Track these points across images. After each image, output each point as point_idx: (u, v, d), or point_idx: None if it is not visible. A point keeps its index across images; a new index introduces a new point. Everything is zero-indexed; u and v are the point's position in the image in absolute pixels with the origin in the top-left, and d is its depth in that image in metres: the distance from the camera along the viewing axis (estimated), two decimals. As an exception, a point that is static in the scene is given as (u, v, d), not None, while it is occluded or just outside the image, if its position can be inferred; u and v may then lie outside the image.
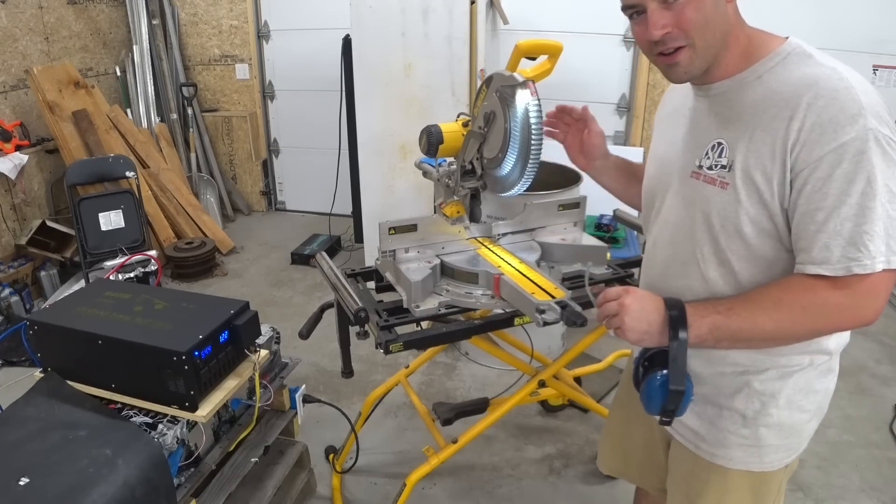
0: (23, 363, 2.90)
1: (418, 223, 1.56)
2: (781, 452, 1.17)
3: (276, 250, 4.39)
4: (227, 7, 4.67)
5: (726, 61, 1.02)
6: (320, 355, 3.01)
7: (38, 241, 3.60)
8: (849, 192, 0.90)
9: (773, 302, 0.97)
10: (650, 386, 1.05)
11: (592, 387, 2.70)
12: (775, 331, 0.98)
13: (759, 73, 1.00)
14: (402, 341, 1.47)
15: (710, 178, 1.04)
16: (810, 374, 1.12)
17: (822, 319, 0.97)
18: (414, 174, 3.21)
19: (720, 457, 1.18)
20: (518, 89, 1.27)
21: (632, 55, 4.00)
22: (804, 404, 1.14)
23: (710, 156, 1.04)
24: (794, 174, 0.94)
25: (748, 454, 1.16)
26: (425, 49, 3.20)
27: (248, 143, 4.92)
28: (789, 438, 1.16)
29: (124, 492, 1.35)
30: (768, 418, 1.13)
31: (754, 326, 0.97)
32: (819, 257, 0.94)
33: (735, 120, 1.01)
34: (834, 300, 0.94)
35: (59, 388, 1.62)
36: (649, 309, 1.01)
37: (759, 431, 1.14)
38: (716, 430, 1.17)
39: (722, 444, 1.17)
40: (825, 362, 1.13)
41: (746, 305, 0.98)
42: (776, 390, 1.12)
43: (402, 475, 1.96)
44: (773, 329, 0.97)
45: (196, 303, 1.74)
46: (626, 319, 1.01)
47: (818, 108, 0.90)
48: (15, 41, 3.76)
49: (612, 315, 1.03)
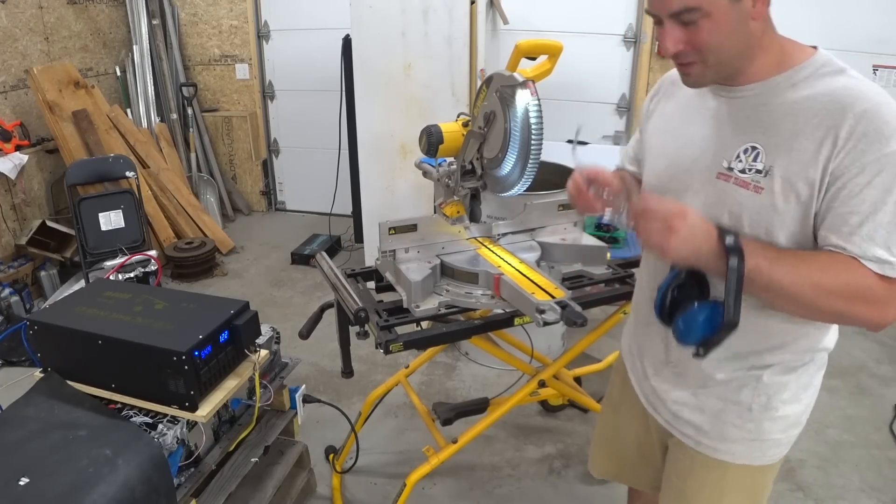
0: (23, 363, 2.90)
1: (418, 223, 1.56)
2: (782, 446, 1.19)
3: (276, 250, 4.39)
4: (227, 7, 4.67)
5: (754, 69, 1.02)
6: (320, 355, 3.01)
7: (38, 241, 3.60)
8: (885, 201, 0.92)
9: (819, 267, 0.95)
10: (693, 316, 1.01)
11: (592, 387, 2.69)
12: (809, 296, 0.95)
13: (794, 80, 1.00)
14: (402, 341, 1.47)
15: (742, 181, 1.03)
16: (811, 369, 1.15)
17: (856, 304, 0.95)
18: (414, 174, 3.21)
19: (723, 451, 1.19)
20: (518, 89, 1.27)
21: (632, 55, 4.00)
22: (803, 398, 1.17)
23: (742, 159, 1.03)
24: (832, 178, 0.94)
25: (751, 448, 1.18)
26: (425, 49, 3.20)
27: (248, 143, 4.92)
28: (789, 431, 1.18)
29: (124, 492, 1.35)
30: (773, 412, 1.14)
31: (792, 284, 0.95)
32: (858, 252, 0.94)
33: (772, 126, 1.00)
34: (878, 289, 0.93)
35: (59, 388, 1.62)
36: (700, 236, 0.96)
37: (764, 425, 1.15)
38: (720, 424, 1.18)
39: (725, 439, 1.18)
40: (821, 358, 1.16)
41: (793, 261, 0.96)
42: (782, 384, 1.13)
43: (402, 475, 1.96)
44: (809, 294, 0.95)
45: (196, 303, 1.74)
46: (671, 241, 0.95)
47: (865, 119, 0.92)
48: (15, 41, 3.76)
49: (656, 232, 0.97)
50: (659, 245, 0.96)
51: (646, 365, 1.30)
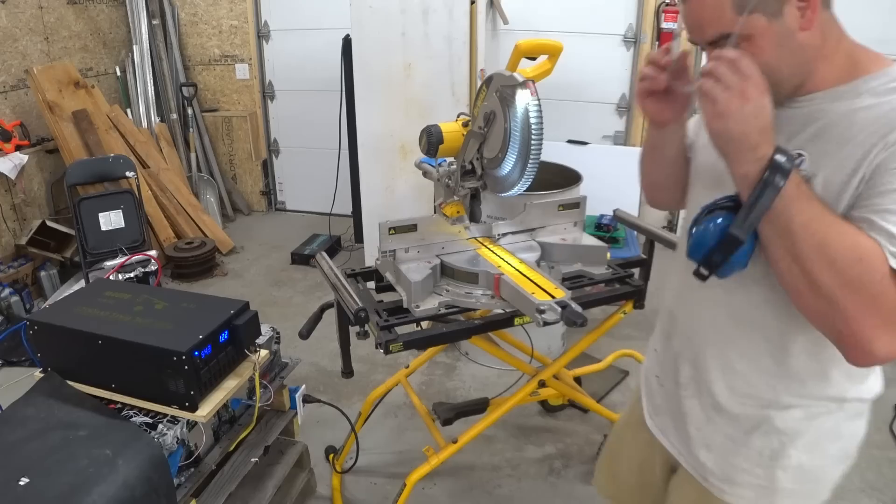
0: (23, 363, 2.90)
1: (418, 223, 1.56)
2: (798, 498, 1.07)
3: (276, 250, 4.39)
4: (227, 7, 4.67)
5: (815, 80, 0.92)
6: (320, 355, 3.01)
7: (38, 241, 3.60)
8: None
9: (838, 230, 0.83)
10: (706, 224, 0.92)
11: (592, 387, 2.70)
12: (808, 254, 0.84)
13: (860, 90, 0.89)
14: (402, 341, 1.47)
15: None
16: (838, 416, 1.02)
17: (852, 295, 0.82)
18: (414, 174, 3.21)
19: (729, 493, 1.10)
20: (518, 89, 1.27)
21: (632, 55, 4.00)
22: (828, 449, 1.04)
23: None
24: (871, 175, 0.84)
25: (760, 495, 1.07)
26: (425, 49, 3.20)
27: (248, 143, 4.93)
28: (807, 484, 1.06)
29: (124, 492, 1.35)
30: (786, 460, 1.03)
31: (802, 227, 0.83)
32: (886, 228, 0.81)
33: (824, 132, 0.91)
34: (885, 290, 0.80)
35: (59, 388, 1.62)
36: (760, 123, 0.84)
37: (776, 473, 1.04)
38: (728, 466, 1.09)
39: (733, 482, 1.09)
40: (854, 408, 1.03)
41: (821, 215, 0.84)
42: (798, 431, 1.01)
43: (402, 475, 1.96)
44: (809, 252, 0.83)
45: (196, 303, 1.74)
46: (734, 105, 0.83)
47: None
48: (15, 41, 3.76)
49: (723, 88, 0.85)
50: (718, 101, 0.84)
51: (659, 383, 1.23)
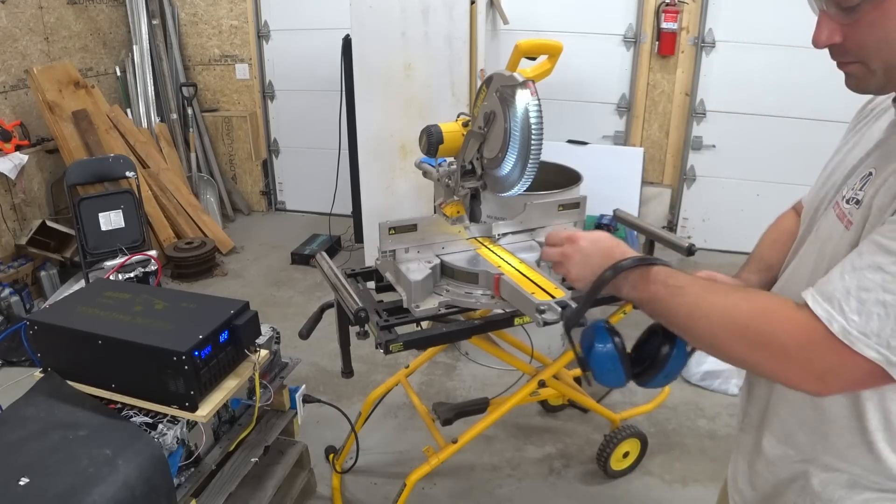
0: (23, 363, 2.90)
1: (418, 223, 1.55)
2: None
3: (276, 250, 4.39)
4: (227, 7, 4.67)
5: None
6: (320, 355, 3.01)
7: (38, 241, 3.60)
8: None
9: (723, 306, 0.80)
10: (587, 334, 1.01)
11: (592, 387, 2.69)
12: (702, 335, 0.83)
13: None
14: (402, 341, 1.46)
15: (841, 212, 0.82)
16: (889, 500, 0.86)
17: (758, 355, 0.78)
18: (414, 174, 3.21)
19: None
20: (518, 89, 1.27)
21: (632, 55, 3.99)
22: None
23: (853, 185, 0.83)
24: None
25: None
26: (425, 49, 3.20)
27: (248, 143, 4.92)
28: None
29: (124, 492, 1.35)
30: None
31: (685, 319, 0.83)
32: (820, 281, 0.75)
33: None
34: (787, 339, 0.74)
35: (59, 388, 1.62)
36: (595, 260, 0.94)
37: None
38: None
39: None
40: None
41: (699, 294, 0.83)
42: (837, 498, 0.87)
43: (402, 475, 1.96)
44: (702, 335, 0.83)
45: (196, 303, 1.74)
46: (571, 269, 0.97)
47: None
48: (15, 41, 3.76)
49: (557, 262, 1.00)
50: (561, 273, 0.99)
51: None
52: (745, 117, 3.93)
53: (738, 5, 3.70)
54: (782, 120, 3.85)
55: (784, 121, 3.84)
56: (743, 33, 3.74)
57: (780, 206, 1.20)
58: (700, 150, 4.10)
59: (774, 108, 3.84)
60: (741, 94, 3.89)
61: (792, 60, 3.57)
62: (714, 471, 2.32)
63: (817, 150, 1.52)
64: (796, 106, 3.77)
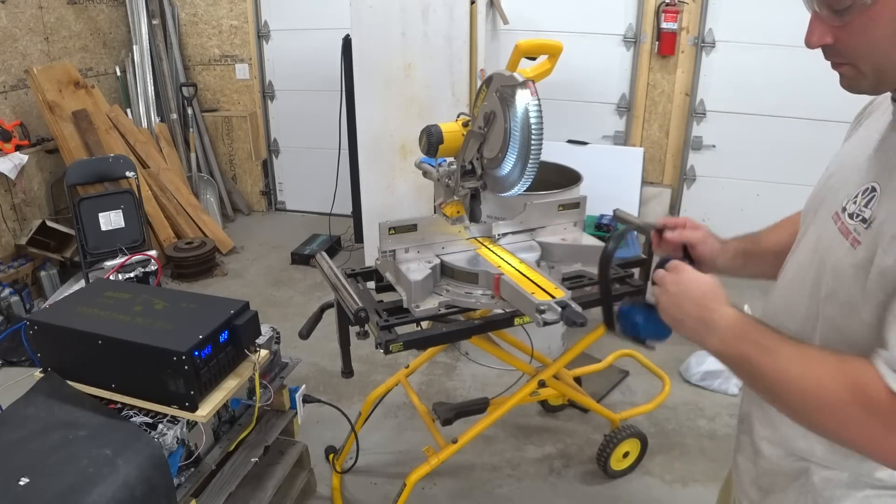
0: (23, 363, 2.90)
1: (418, 223, 1.56)
2: None
3: (276, 250, 4.39)
4: (227, 7, 4.67)
5: None
6: (320, 355, 3.01)
7: (38, 241, 3.60)
8: None
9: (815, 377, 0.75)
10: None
11: (592, 387, 2.70)
12: (791, 404, 0.79)
13: None
14: (402, 341, 1.46)
15: (845, 228, 0.80)
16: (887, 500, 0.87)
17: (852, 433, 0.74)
18: (414, 174, 3.21)
19: None
20: (518, 89, 1.27)
21: (632, 55, 3.99)
22: None
23: (857, 200, 0.80)
24: None
25: None
26: (425, 49, 3.20)
27: (248, 143, 4.92)
28: None
29: (124, 492, 1.35)
30: None
31: (773, 384, 0.79)
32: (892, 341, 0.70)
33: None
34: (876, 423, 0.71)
35: (59, 388, 1.62)
36: (688, 301, 0.90)
37: None
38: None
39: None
40: None
41: (791, 359, 0.78)
42: (839, 496, 0.88)
43: (402, 475, 1.96)
44: (792, 404, 0.79)
45: (196, 303, 1.74)
46: (662, 298, 0.94)
47: None
48: (15, 41, 3.76)
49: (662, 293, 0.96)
50: (662, 307, 0.96)
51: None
52: (744, 117, 3.93)
53: (738, 5, 3.70)
54: (782, 120, 3.85)
55: (784, 120, 3.84)
56: (743, 33, 3.74)
57: (780, 206, 1.21)
58: (700, 149, 4.10)
59: (774, 107, 3.83)
60: (741, 94, 3.88)
61: (792, 60, 3.56)
62: (714, 471, 2.32)
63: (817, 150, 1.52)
64: (796, 106, 3.76)
